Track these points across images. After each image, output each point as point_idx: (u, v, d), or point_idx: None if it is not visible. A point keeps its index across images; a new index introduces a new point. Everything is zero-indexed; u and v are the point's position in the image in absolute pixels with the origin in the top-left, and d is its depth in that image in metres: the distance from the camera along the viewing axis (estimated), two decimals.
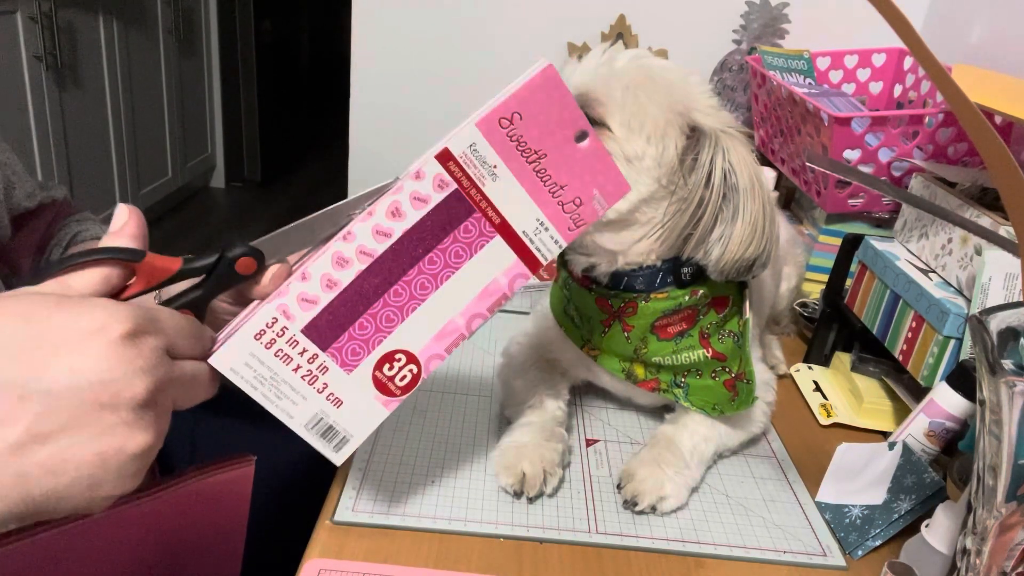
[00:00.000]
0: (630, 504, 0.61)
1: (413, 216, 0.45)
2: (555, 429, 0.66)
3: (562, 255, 0.69)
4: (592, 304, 0.65)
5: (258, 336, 0.44)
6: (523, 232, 0.47)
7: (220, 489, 0.51)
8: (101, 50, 2.59)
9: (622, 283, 0.63)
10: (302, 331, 0.45)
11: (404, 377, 0.48)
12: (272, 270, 0.45)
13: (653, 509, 0.61)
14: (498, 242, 0.47)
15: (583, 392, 0.77)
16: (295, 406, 0.47)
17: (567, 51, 1.39)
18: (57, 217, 0.71)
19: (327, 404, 0.47)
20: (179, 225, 3.21)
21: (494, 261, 0.47)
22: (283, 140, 3.96)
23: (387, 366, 0.48)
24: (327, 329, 0.46)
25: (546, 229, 0.48)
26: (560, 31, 1.38)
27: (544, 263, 0.49)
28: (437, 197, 0.45)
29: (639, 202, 0.60)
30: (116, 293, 0.40)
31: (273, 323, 0.44)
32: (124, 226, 0.40)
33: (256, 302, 0.46)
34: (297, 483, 0.74)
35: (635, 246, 0.62)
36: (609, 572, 0.55)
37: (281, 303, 0.44)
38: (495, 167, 0.45)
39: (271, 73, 3.71)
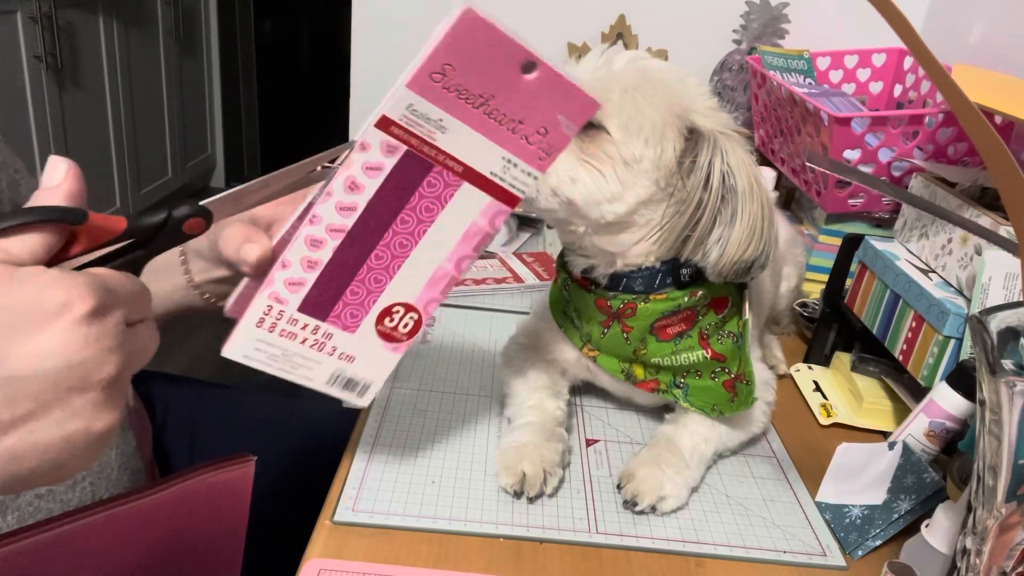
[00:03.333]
0: (630, 504, 0.61)
1: (372, 185, 0.45)
2: (555, 429, 0.66)
3: (561, 256, 0.69)
4: (591, 305, 0.65)
5: (259, 324, 0.48)
6: (491, 173, 0.47)
7: (220, 489, 0.51)
8: (101, 50, 2.59)
9: (621, 284, 0.63)
10: (298, 310, 0.48)
11: (407, 324, 0.52)
12: (233, 231, 0.47)
13: (653, 509, 0.61)
14: (467, 188, 0.47)
15: (583, 392, 0.77)
16: (311, 371, 0.51)
17: (567, 51, 1.39)
18: None
19: (341, 363, 0.51)
20: None
21: (468, 206, 0.48)
22: (283, 140, 3.96)
23: (387, 319, 0.50)
24: (321, 303, 0.49)
25: (515, 165, 0.47)
26: (560, 31, 1.38)
27: (524, 196, 0.48)
28: (390, 162, 0.45)
29: (637, 204, 0.60)
30: (56, 258, 0.37)
31: (269, 311, 0.47)
32: (62, 182, 0.37)
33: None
34: (297, 483, 0.74)
35: (633, 248, 0.62)
36: (609, 572, 0.55)
37: (271, 291, 0.47)
38: (441, 120, 0.44)
39: (271, 73, 3.71)
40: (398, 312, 0.51)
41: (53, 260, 0.36)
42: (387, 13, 1.41)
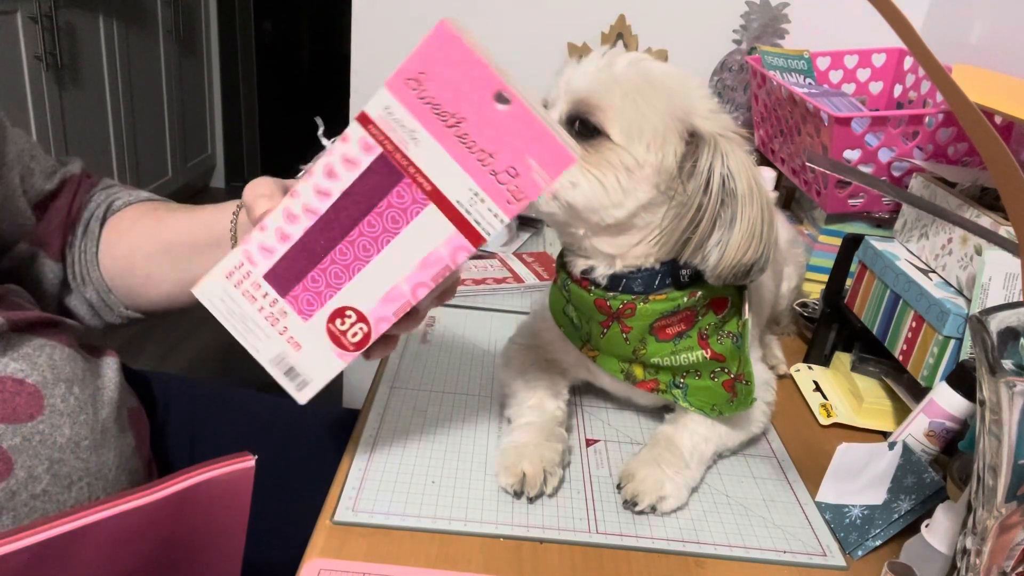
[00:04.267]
0: (630, 504, 0.61)
1: (347, 177, 0.46)
2: (555, 429, 0.66)
3: (561, 256, 0.69)
4: (591, 305, 0.65)
5: (228, 276, 0.51)
6: (457, 201, 0.46)
7: (220, 489, 0.51)
8: (101, 50, 2.59)
9: (620, 285, 0.63)
10: (263, 276, 0.50)
11: (356, 334, 0.51)
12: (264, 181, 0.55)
13: (653, 509, 0.61)
14: (432, 211, 0.47)
15: (583, 392, 0.77)
16: (260, 342, 0.52)
17: (567, 51, 1.39)
18: (79, 191, 0.71)
19: (287, 346, 0.52)
20: None
21: (432, 230, 0.47)
22: (283, 140, 3.96)
23: (339, 320, 0.51)
24: (284, 277, 0.50)
25: (482, 200, 0.46)
26: (560, 31, 1.38)
27: (487, 238, 0.47)
28: (366, 160, 0.46)
29: (638, 208, 0.60)
30: None
31: (239, 266, 0.50)
32: None
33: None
34: (297, 483, 0.74)
35: (633, 249, 0.62)
36: (609, 572, 0.55)
37: (246, 249, 0.49)
38: (414, 131, 0.44)
39: (271, 73, 3.71)
40: (350, 317, 0.51)
41: None
42: (387, 13, 1.41)
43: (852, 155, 0.91)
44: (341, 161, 0.46)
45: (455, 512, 0.59)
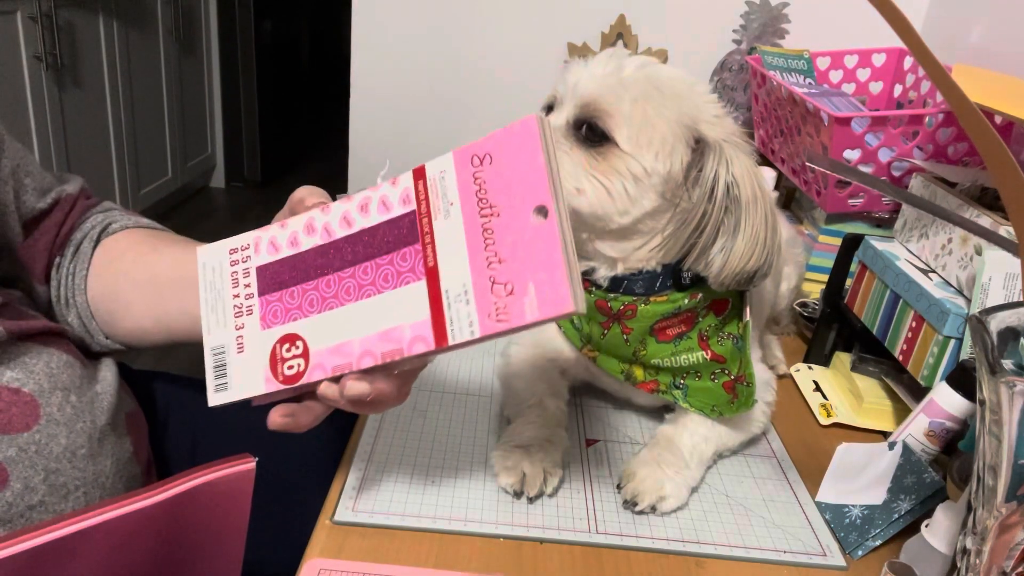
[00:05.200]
0: (630, 504, 0.61)
1: (375, 218, 0.46)
2: (555, 429, 0.66)
3: None
4: (591, 306, 0.65)
5: (232, 251, 0.52)
6: (446, 291, 0.44)
7: (220, 489, 0.51)
8: (101, 50, 2.59)
9: (622, 286, 0.63)
10: (256, 268, 0.50)
11: (291, 367, 0.49)
12: (309, 189, 0.52)
13: (653, 509, 0.61)
14: (420, 288, 0.44)
15: (583, 392, 0.77)
16: (215, 325, 0.52)
17: (567, 51, 1.39)
18: (73, 212, 0.69)
19: (234, 343, 0.52)
20: (179, 225, 3.19)
21: (409, 306, 0.45)
22: (283, 140, 3.96)
23: (287, 345, 0.49)
24: (271, 279, 0.50)
25: (467, 302, 0.43)
26: (560, 31, 1.38)
27: (450, 342, 0.43)
28: (398, 210, 0.45)
29: (643, 215, 0.60)
30: None
31: (245, 248, 0.50)
32: None
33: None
34: (297, 483, 0.74)
35: (635, 253, 0.62)
36: (609, 572, 0.55)
37: (258, 235, 0.50)
38: (452, 204, 0.44)
39: (271, 73, 3.71)
40: (297, 348, 0.49)
41: None
42: (387, 14, 1.41)
43: (852, 155, 0.91)
44: (379, 201, 0.46)
45: (455, 512, 0.59)
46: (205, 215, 3.40)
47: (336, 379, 0.48)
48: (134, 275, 0.65)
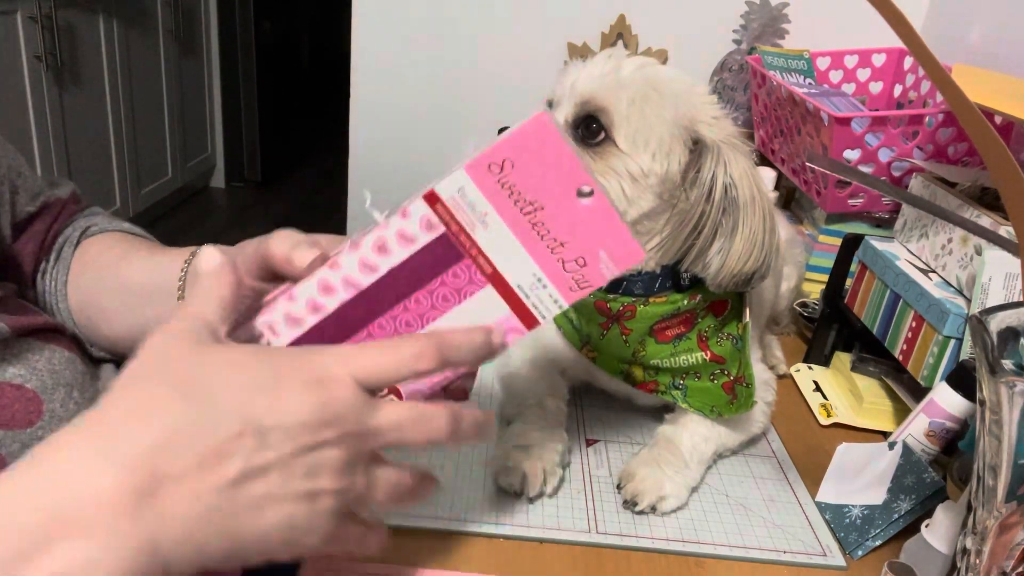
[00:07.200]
0: (630, 504, 0.61)
1: (400, 254, 0.44)
2: (555, 429, 0.66)
3: None
4: (590, 307, 0.65)
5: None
6: (518, 286, 0.45)
7: None
8: (101, 50, 2.59)
9: (621, 287, 0.63)
10: (288, 345, 0.46)
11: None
12: (285, 234, 0.47)
13: (653, 509, 0.61)
14: (489, 292, 0.45)
15: (583, 392, 0.77)
16: None
17: (567, 51, 1.39)
18: (60, 216, 0.68)
19: None
20: (179, 225, 3.21)
21: (485, 311, 0.45)
22: (283, 140, 3.96)
23: None
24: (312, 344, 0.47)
25: (544, 286, 0.44)
26: (560, 31, 1.38)
27: (543, 322, 0.46)
28: (424, 238, 0.44)
29: (640, 216, 0.60)
30: None
31: (259, 337, 0.45)
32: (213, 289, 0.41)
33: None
34: None
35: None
36: (609, 572, 0.55)
37: (267, 319, 0.45)
38: (485, 214, 0.43)
39: (271, 73, 3.71)
40: (382, 393, 0.46)
41: None
42: (387, 14, 1.41)
43: (852, 155, 0.91)
44: (396, 237, 0.44)
45: (455, 512, 0.59)
46: (205, 215, 3.40)
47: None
48: (107, 282, 0.64)
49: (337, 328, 0.46)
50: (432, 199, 0.43)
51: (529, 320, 0.45)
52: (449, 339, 0.41)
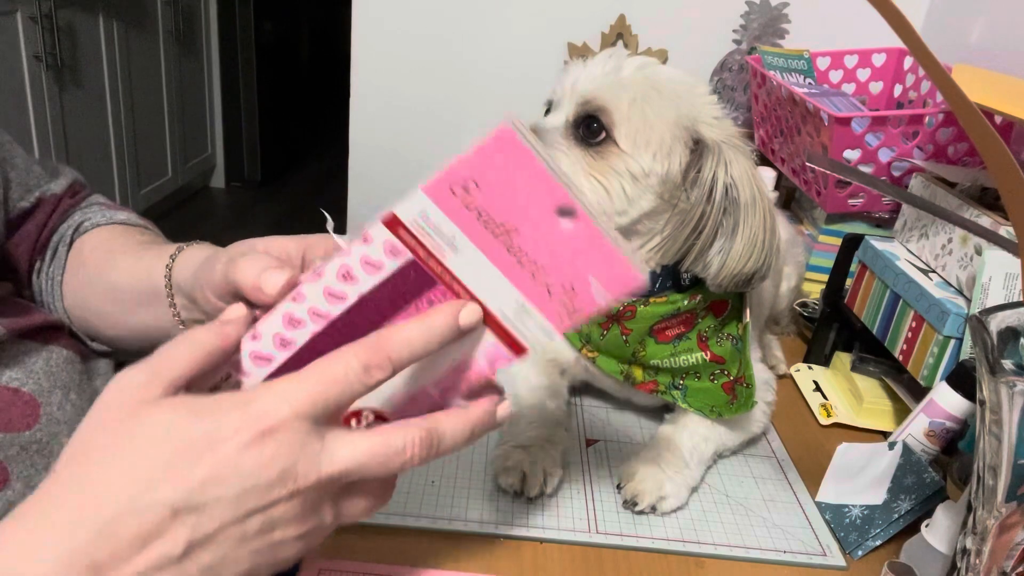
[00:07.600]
0: (630, 504, 0.61)
1: (367, 281, 0.41)
2: (555, 429, 0.66)
3: None
4: None
5: (212, 389, 0.43)
6: (502, 313, 0.41)
7: None
8: (101, 50, 2.59)
9: None
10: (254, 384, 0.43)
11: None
12: (254, 259, 0.44)
13: (653, 509, 0.61)
14: None
15: (583, 392, 0.77)
16: None
17: (567, 51, 1.39)
18: (55, 213, 0.66)
19: None
20: (179, 225, 3.21)
21: (468, 338, 0.42)
22: (283, 140, 3.96)
23: (354, 421, 0.44)
24: None
25: (529, 315, 0.41)
26: (560, 31, 1.38)
27: (529, 350, 0.42)
28: (391, 264, 0.41)
29: (641, 216, 0.60)
30: None
31: (226, 378, 0.43)
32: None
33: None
34: None
35: (633, 255, 0.62)
36: (609, 572, 0.55)
37: (235, 360, 0.42)
38: (453, 238, 0.40)
39: (271, 73, 3.71)
40: (368, 418, 0.44)
41: None
42: (387, 14, 1.41)
43: (852, 155, 0.91)
44: (361, 263, 0.41)
45: (455, 512, 0.59)
46: (205, 215, 3.40)
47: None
48: (96, 286, 0.63)
49: (309, 361, 0.41)
50: (393, 224, 0.40)
51: (517, 348, 0.42)
52: (395, 336, 0.38)
